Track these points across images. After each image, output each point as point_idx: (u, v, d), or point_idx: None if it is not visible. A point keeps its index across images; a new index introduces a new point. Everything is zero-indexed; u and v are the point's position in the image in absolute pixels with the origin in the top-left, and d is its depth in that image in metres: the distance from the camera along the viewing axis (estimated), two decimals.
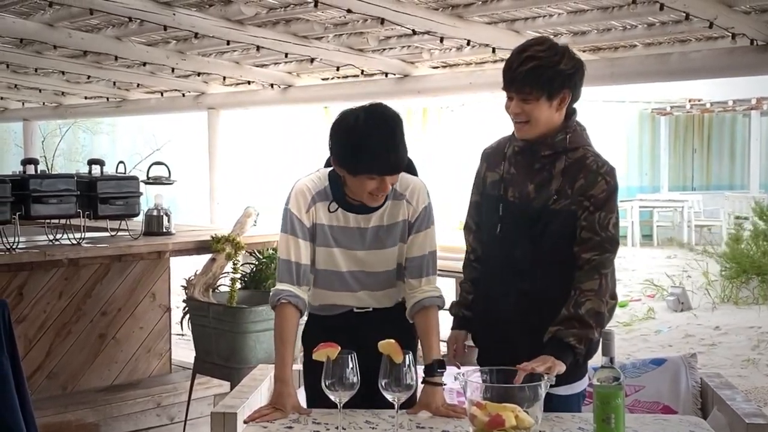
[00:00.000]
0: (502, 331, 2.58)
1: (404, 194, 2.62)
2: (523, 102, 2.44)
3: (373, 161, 2.45)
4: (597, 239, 2.46)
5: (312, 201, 2.60)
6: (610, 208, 2.49)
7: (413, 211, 2.62)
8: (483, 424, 1.97)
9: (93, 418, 4.49)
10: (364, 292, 2.66)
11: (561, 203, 2.48)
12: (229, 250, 4.61)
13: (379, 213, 2.61)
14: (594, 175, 2.48)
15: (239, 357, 4.21)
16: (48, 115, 9.57)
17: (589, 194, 2.47)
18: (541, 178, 2.51)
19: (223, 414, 2.61)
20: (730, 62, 4.72)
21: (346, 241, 2.61)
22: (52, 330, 4.64)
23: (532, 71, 2.40)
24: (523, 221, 2.52)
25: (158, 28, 5.21)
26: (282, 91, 6.89)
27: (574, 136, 2.52)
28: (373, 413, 2.44)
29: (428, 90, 6.18)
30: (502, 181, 2.58)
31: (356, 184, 2.52)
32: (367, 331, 2.53)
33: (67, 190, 4.39)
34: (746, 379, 6.47)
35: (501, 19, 4.87)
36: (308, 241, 2.61)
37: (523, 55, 2.42)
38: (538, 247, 2.50)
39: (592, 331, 2.42)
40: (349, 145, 2.48)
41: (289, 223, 2.61)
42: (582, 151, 2.52)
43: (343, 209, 2.60)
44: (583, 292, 2.44)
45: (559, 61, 2.44)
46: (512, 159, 2.59)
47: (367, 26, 5.13)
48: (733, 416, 2.63)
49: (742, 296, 9.58)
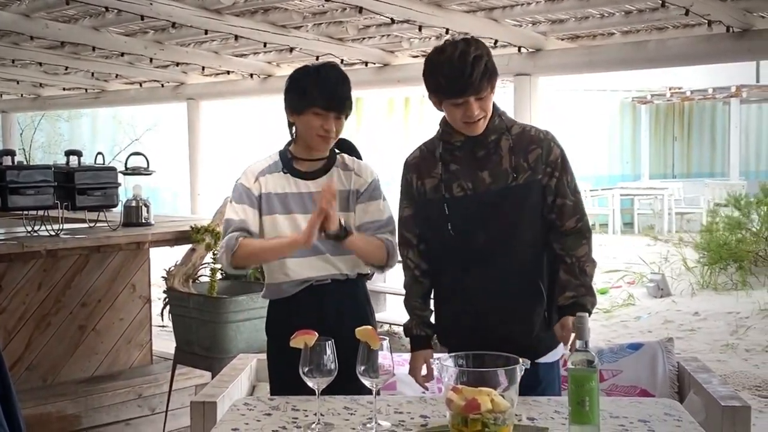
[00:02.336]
0: (475, 320, 2.58)
1: (353, 167, 2.82)
2: (479, 101, 2.48)
3: (319, 95, 2.67)
4: (570, 203, 2.56)
5: (261, 174, 2.79)
6: (569, 170, 2.60)
7: (363, 182, 2.80)
8: (459, 408, 1.98)
9: (73, 409, 4.48)
10: (315, 257, 2.74)
11: (522, 177, 2.53)
12: (209, 241, 4.60)
13: (327, 177, 2.76)
14: (546, 143, 2.56)
15: (220, 347, 4.21)
16: (26, 106, 9.52)
17: (548, 161, 2.55)
18: (491, 162, 2.55)
19: (202, 403, 2.62)
20: (707, 49, 4.76)
21: (294, 206, 2.75)
22: (32, 322, 4.62)
23: (486, 70, 2.45)
24: (481, 210, 2.54)
25: (135, 18, 5.20)
26: (262, 81, 6.88)
27: (505, 117, 2.61)
28: (352, 399, 2.46)
29: (408, 79, 6.18)
30: (442, 182, 2.58)
31: (304, 126, 2.72)
32: (328, 303, 2.74)
33: (45, 181, 4.37)
34: (725, 364, 6.54)
35: (479, 7, 4.88)
36: (256, 210, 2.76)
37: (469, 59, 2.43)
38: (500, 229, 2.54)
39: (595, 299, 2.58)
40: (298, 83, 2.72)
41: (237, 193, 2.79)
42: (518, 127, 2.61)
43: (291, 175, 2.77)
44: (578, 258, 2.54)
45: (489, 53, 2.50)
46: (449, 157, 2.59)
47: (345, 15, 5.13)
48: (710, 399, 2.67)
49: (721, 282, 9.67)
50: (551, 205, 2.56)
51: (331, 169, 2.79)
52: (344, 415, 2.34)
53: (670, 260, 10.75)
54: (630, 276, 10.16)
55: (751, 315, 8.17)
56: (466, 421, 1.98)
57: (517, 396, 2.05)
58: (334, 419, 2.30)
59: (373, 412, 2.28)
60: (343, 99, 2.72)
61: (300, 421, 2.29)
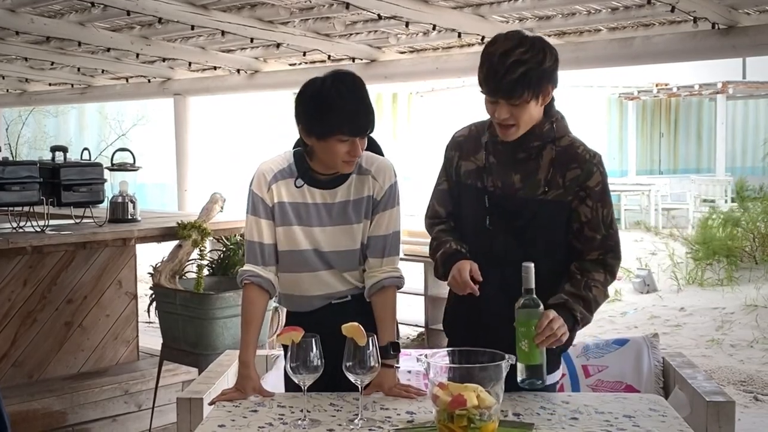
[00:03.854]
0: (481, 320, 2.51)
1: (370, 170, 2.60)
2: (511, 106, 2.35)
3: (344, 121, 2.42)
4: (599, 238, 2.44)
5: (273, 179, 2.58)
6: (608, 201, 2.47)
7: (379, 188, 2.59)
8: (445, 404, 1.99)
9: (60, 406, 4.47)
10: (329, 272, 2.61)
11: (552, 193, 2.42)
12: (196, 237, 4.58)
13: (345, 187, 2.58)
14: (589, 165, 2.43)
15: (206, 343, 4.20)
16: (12, 102, 9.46)
17: (585, 185, 2.42)
18: (527, 167, 2.45)
19: (189, 399, 2.62)
20: (693, 46, 4.77)
21: (309, 218, 2.58)
22: (17, 318, 4.60)
23: (522, 77, 2.29)
24: (505, 212, 2.46)
25: (121, 13, 5.17)
26: (249, 76, 6.86)
27: (558, 125, 2.47)
28: (338, 395, 2.46)
29: (395, 75, 6.18)
30: (482, 170, 2.49)
31: (326, 151, 2.48)
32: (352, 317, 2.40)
33: (30, 177, 4.34)
34: (710, 359, 6.58)
35: (466, 3, 4.88)
36: (271, 221, 2.60)
37: (508, 61, 2.29)
38: (521, 237, 2.45)
39: (590, 317, 2.43)
40: (318, 108, 2.44)
41: (251, 203, 2.61)
42: (568, 139, 2.48)
43: (308, 185, 2.58)
44: (592, 279, 2.43)
45: (543, 59, 2.34)
46: (491, 148, 2.50)
47: (332, 11, 5.12)
48: (694, 394, 2.68)
49: (707, 278, 9.72)
50: (577, 233, 2.45)
51: (350, 177, 2.58)
52: (330, 411, 2.34)
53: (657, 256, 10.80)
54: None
55: (736, 311, 8.22)
56: (452, 416, 1.98)
57: (503, 392, 2.06)
58: (321, 416, 2.30)
59: (359, 408, 2.28)
60: (370, 120, 2.47)
61: (286, 417, 2.29)
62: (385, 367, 2.40)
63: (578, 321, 2.39)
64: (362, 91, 2.48)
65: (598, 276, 2.44)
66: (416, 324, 6.87)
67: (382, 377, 2.42)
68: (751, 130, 20.46)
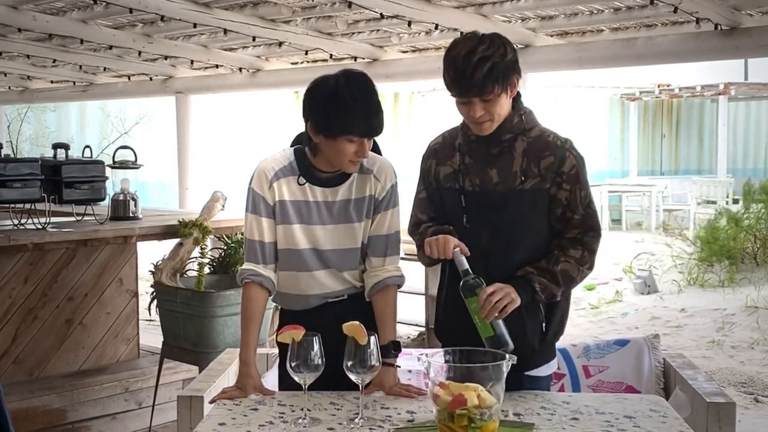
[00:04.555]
0: (469, 319, 2.49)
1: (372, 170, 2.62)
2: (484, 102, 2.42)
3: (355, 121, 2.45)
4: (577, 218, 2.51)
5: (275, 177, 2.58)
6: (584, 183, 2.53)
7: (381, 188, 2.62)
8: (446, 403, 1.99)
9: (60, 403, 4.47)
10: (327, 271, 2.62)
11: (529, 183, 2.48)
12: (197, 235, 4.59)
13: (346, 186, 2.60)
14: (561, 151, 2.50)
15: (207, 341, 4.20)
16: (14, 99, 9.47)
17: (560, 171, 2.48)
18: (502, 161, 2.51)
19: (189, 397, 2.61)
20: (695, 47, 4.77)
21: (311, 216, 2.59)
22: (18, 315, 4.60)
23: (490, 72, 2.36)
24: (485, 207, 2.50)
25: (124, 10, 5.17)
26: (251, 75, 6.86)
27: (527, 117, 2.54)
28: (339, 394, 2.46)
29: (397, 74, 6.18)
30: (458, 172, 2.56)
31: (334, 150, 2.49)
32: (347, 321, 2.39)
33: (32, 174, 4.34)
34: (711, 360, 6.57)
35: (469, 3, 4.88)
36: (272, 219, 2.60)
37: (473, 59, 2.36)
38: (502, 231, 2.49)
39: (558, 289, 2.48)
40: (330, 107, 2.46)
41: (251, 202, 2.62)
42: (538, 130, 2.54)
43: (310, 183, 2.59)
44: (566, 255, 2.49)
45: (505, 52, 2.42)
46: (465, 148, 2.57)
47: (335, 10, 5.12)
48: (695, 395, 2.68)
49: (707, 279, 9.71)
50: (560, 217, 2.51)
51: (352, 176, 2.60)
52: (331, 410, 2.34)
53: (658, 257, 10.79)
54: (618, 273, 10.20)
55: (737, 312, 8.21)
56: (452, 416, 1.98)
57: (504, 392, 2.06)
58: (321, 414, 2.30)
59: (360, 407, 2.28)
60: (381, 121, 2.50)
61: (287, 416, 2.29)
62: (386, 366, 2.40)
63: (537, 291, 2.45)
64: (374, 92, 2.51)
65: (574, 252, 2.50)
66: (417, 324, 6.86)
67: (383, 376, 2.42)
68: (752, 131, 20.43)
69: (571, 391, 3.17)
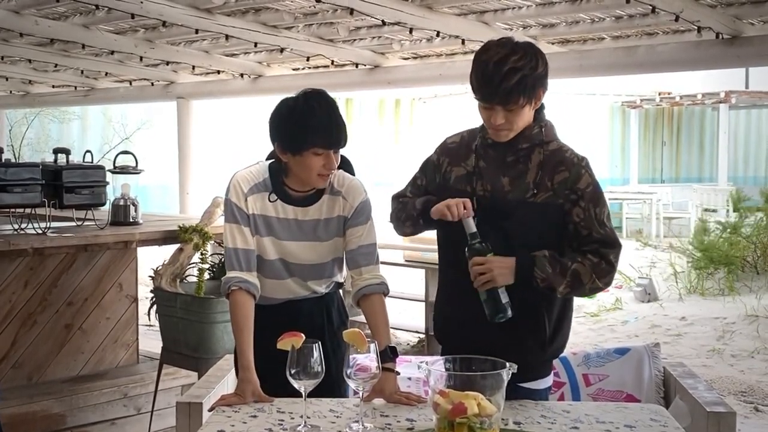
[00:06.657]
0: (471, 326, 2.51)
1: (341, 191, 2.70)
2: (507, 112, 2.40)
3: (318, 134, 2.54)
4: (594, 235, 2.46)
5: (249, 191, 2.68)
6: (601, 201, 2.50)
7: (349, 207, 2.69)
8: (446, 411, 1.98)
9: (59, 408, 4.46)
10: (293, 279, 2.73)
11: (541, 196, 2.45)
12: (197, 240, 4.58)
13: (317, 206, 2.69)
14: (577, 168, 2.48)
15: (206, 347, 4.20)
16: (15, 103, 9.48)
17: (575, 188, 2.46)
18: (516, 170, 2.48)
19: (188, 404, 2.60)
20: (697, 55, 4.78)
21: (281, 231, 2.68)
22: (18, 320, 4.59)
23: (518, 84, 2.34)
24: (494, 214, 2.47)
25: (126, 16, 5.18)
26: (252, 81, 6.87)
27: (547, 130, 2.52)
28: (338, 402, 2.45)
29: (399, 81, 6.19)
30: (472, 175, 2.53)
31: (302, 166, 2.59)
32: (305, 315, 2.74)
33: (32, 179, 4.34)
34: (711, 369, 6.56)
35: (470, 10, 4.88)
36: (249, 227, 2.68)
37: (503, 69, 2.33)
38: (509, 240, 2.46)
39: (561, 283, 2.43)
40: (293, 125, 2.57)
41: (230, 212, 2.70)
42: (556, 144, 2.52)
43: (282, 201, 2.68)
44: (583, 257, 2.45)
45: (537, 65, 2.39)
46: (481, 152, 2.54)
47: (336, 16, 5.13)
48: (695, 404, 2.67)
49: (708, 287, 9.70)
50: (573, 234, 2.47)
51: (322, 197, 2.69)
52: (330, 417, 2.33)
53: (658, 265, 10.78)
54: (618, 280, 10.19)
55: (737, 320, 8.21)
56: (452, 424, 1.98)
57: (504, 400, 2.05)
58: (320, 422, 2.29)
59: (359, 414, 2.28)
60: (344, 133, 2.59)
61: (286, 423, 2.29)
62: (386, 372, 2.41)
63: (536, 278, 2.41)
64: (334, 107, 2.61)
65: (592, 257, 2.45)
66: (416, 330, 6.86)
67: (384, 383, 2.43)
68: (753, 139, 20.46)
69: (571, 399, 3.16)
